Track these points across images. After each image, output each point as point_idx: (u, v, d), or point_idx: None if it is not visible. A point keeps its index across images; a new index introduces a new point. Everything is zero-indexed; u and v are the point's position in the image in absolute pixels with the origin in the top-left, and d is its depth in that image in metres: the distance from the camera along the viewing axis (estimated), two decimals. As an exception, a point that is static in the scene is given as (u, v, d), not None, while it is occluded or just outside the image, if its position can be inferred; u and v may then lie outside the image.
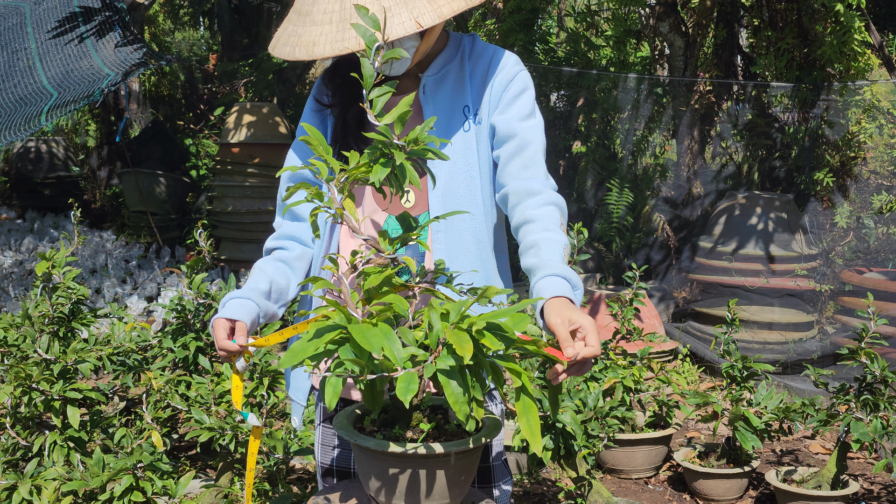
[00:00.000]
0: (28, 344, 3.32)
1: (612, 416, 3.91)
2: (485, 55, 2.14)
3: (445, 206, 2.07)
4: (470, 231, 2.10)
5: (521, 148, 2.08)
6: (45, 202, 10.18)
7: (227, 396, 3.45)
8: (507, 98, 2.10)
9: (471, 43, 2.17)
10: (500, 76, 2.11)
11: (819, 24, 6.91)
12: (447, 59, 2.14)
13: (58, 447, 3.14)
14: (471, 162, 2.09)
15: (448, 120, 2.10)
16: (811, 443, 4.82)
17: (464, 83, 2.12)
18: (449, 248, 2.09)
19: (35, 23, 6.82)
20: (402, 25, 1.89)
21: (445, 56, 2.14)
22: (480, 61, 2.13)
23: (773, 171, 7.30)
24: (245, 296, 2.04)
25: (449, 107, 2.11)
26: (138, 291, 6.85)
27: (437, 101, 2.11)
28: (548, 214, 2.01)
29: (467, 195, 2.09)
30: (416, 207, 2.12)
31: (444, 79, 2.12)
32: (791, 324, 6.16)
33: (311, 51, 1.94)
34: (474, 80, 2.12)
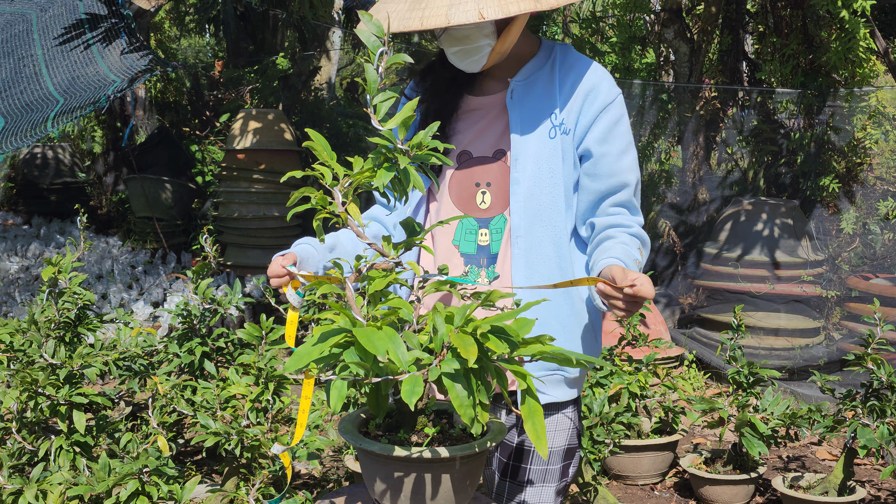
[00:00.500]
0: (34, 349, 3.32)
1: (618, 421, 3.91)
2: (578, 66, 2.13)
3: (527, 211, 2.09)
4: (550, 238, 2.10)
5: (615, 188, 2.10)
6: (52, 208, 10.20)
7: (233, 401, 3.45)
8: (603, 124, 2.10)
9: (563, 51, 2.17)
10: (597, 95, 2.10)
11: (824, 30, 6.91)
12: (537, 65, 2.14)
13: (64, 452, 3.14)
14: (555, 169, 2.09)
15: (534, 125, 2.10)
16: (818, 449, 4.80)
17: (553, 91, 2.12)
18: (528, 254, 2.10)
19: (41, 29, 6.84)
20: (466, 14, 1.91)
21: (536, 62, 2.15)
22: (572, 71, 2.13)
23: (779, 177, 7.30)
24: (305, 241, 2.10)
25: (536, 113, 2.11)
26: (144, 297, 6.85)
27: (523, 107, 2.11)
28: (626, 240, 2.04)
29: (550, 201, 2.09)
30: (492, 209, 2.14)
31: (533, 84, 2.13)
32: (797, 330, 6.14)
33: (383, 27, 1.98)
34: (563, 89, 2.12)
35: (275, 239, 7.54)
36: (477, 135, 2.16)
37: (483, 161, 2.14)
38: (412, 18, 1.95)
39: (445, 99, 2.16)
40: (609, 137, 2.09)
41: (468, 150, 2.15)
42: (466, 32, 2.03)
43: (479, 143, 2.15)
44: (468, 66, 2.07)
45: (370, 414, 1.82)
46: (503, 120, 2.13)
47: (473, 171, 2.15)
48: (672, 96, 7.72)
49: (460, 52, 2.06)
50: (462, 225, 2.16)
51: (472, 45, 2.05)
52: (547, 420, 2.17)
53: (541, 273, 2.09)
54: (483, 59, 2.07)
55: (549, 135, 2.09)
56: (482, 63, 2.07)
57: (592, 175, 2.10)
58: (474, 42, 2.04)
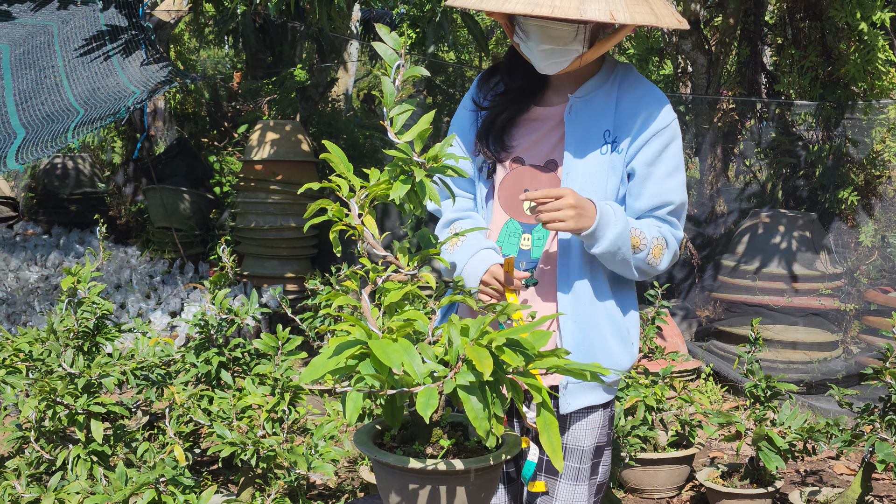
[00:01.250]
0: (53, 358, 3.34)
1: (634, 434, 3.90)
2: (637, 87, 2.20)
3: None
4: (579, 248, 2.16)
5: (658, 206, 2.17)
6: (71, 218, 10.26)
7: (249, 411, 3.46)
8: (654, 147, 2.16)
9: (625, 71, 2.23)
10: (651, 119, 2.16)
11: (843, 42, 6.89)
12: (598, 83, 2.20)
13: (81, 461, 3.16)
14: (604, 186, 2.15)
15: (588, 141, 2.17)
16: (835, 463, 4.77)
17: (609, 109, 2.18)
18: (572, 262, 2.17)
19: (62, 41, 6.90)
20: (597, 11, 1.96)
21: (597, 80, 2.21)
22: (631, 92, 2.19)
23: (797, 190, 7.27)
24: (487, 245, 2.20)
25: (591, 129, 2.17)
26: (162, 307, 6.88)
27: (580, 123, 2.18)
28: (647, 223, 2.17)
29: None
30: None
31: (591, 101, 2.18)
32: (815, 343, 6.11)
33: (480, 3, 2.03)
34: (620, 109, 2.18)
35: (291, 250, 7.56)
36: (532, 144, 2.23)
37: (534, 168, 2.22)
38: (542, 4, 1.98)
39: (515, 107, 2.22)
40: (658, 160, 2.16)
41: (521, 157, 2.23)
42: (563, 33, 2.07)
43: (533, 151, 2.23)
44: (549, 66, 2.12)
45: (386, 425, 1.83)
46: (558, 132, 2.20)
47: (524, 178, 2.22)
48: (690, 108, 7.71)
49: (549, 51, 2.10)
50: (507, 227, 2.24)
51: (563, 46, 2.09)
52: (580, 421, 2.24)
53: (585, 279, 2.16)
54: (565, 64, 2.12)
55: (601, 151, 2.16)
56: (563, 67, 2.12)
57: (637, 195, 2.18)
58: (567, 44, 2.09)
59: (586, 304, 2.17)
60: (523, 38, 2.13)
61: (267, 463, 3.28)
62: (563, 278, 2.17)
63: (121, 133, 10.96)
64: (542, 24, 2.06)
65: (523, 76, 2.23)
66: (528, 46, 2.12)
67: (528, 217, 2.18)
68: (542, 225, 2.06)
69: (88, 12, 7.12)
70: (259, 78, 10.43)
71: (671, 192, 2.17)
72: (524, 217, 2.21)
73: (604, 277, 2.19)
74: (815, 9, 7.04)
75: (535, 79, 2.23)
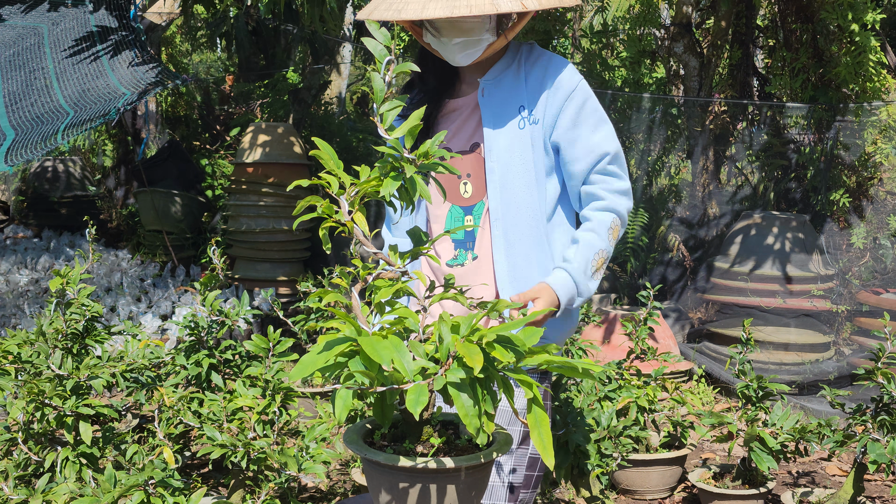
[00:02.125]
0: (42, 360, 3.32)
1: (626, 435, 3.89)
2: (541, 60, 2.35)
3: (503, 196, 2.31)
4: (526, 219, 2.32)
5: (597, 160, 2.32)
6: (62, 221, 10.22)
7: (240, 413, 3.44)
8: (570, 111, 2.31)
9: (528, 49, 2.39)
10: (560, 86, 2.32)
11: (834, 44, 6.90)
12: (505, 64, 2.35)
13: (70, 463, 3.14)
14: (526, 157, 2.30)
15: (504, 119, 2.31)
16: (827, 464, 4.77)
17: (519, 85, 2.33)
18: (507, 235, 2.32)
19: (52, 43, 6.87)
20: (510, 3, 2.11)
21: (504, 62, 2.36)
22: (537, 65, 2.34)
23: (789, 192, 7.28)
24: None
25: (505, 107, 2.32)
26: (153, 310, 6.86)
27: (493, 103, 2.33)
28: (600, 218, 2.32)
29: (523, 187, 2.30)
30: (474, 197, 2.37)
31: (501, 82, 2.33)
32: (807, 344, 6.11)
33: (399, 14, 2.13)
34: (530, 83, 2.33)
35: (284, 253, 7.54)
36: (455, 132, 2.39)
37: (462, 155, 2.37)
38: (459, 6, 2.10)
39: (431, 107, 2.38)
40: (578, 121, 2.32)
41: (448, 147, 2.38)
42: (472, 25, 2.22)
43: (457, 139, 2.38)
44: (464, 58, 2.27)
45: (376, 424, 1.81)
46: (476, 116, 2.36)
47: (455, 165, 2.38)
48: (682, 110, 7.72)
49: (461, 44, 2.25)
50: (451, 214, 2.40)
51: (474, 37, 2.24)
52: None
53: (518, 251, 2.33)
54: (479, 53, 2.27)
55: (518, 126, 2.31)
56: (476, 57, 2.28)
57: (573, 159, 2.33)
58: (477, 35, 2.24)
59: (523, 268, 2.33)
60: (436, 36, 2.26)
61: (258, 465, 3.26)
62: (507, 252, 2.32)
63: (112, 136, 10.93)
64: (453, 20, 2.21)
65: (435, 77, 2.38)
66: (442, 42, 2.25)
67: (466, 200, 2.38)
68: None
69: (79, 14, 7.10)
70: (251, 80, 10.41)
71: (603, 143, 2.32)
72: (463, 201, 2.38)
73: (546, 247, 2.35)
74: (807, 11, 7.05)
75: (447, 77, 2.39)
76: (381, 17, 2.14)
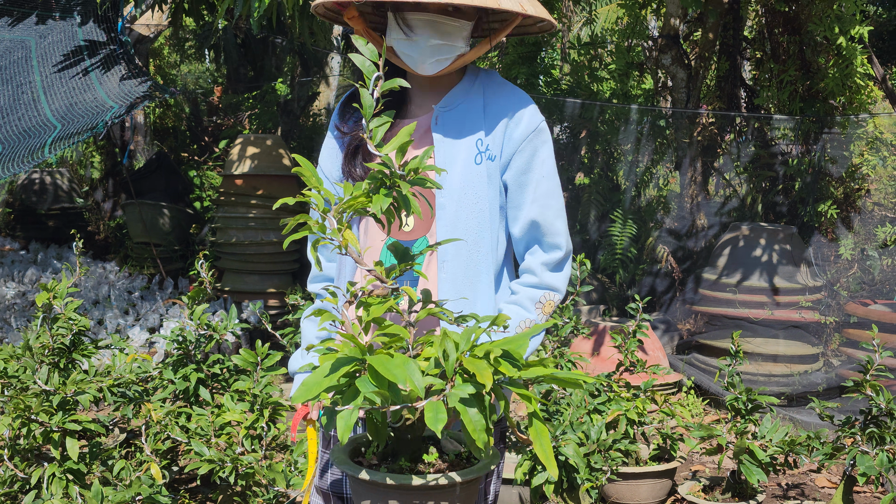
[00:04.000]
0: (28, 375, 3.30)
1: (616, 448, 3.88)
2: (503, 93, 2.16)
3: (454, 235, 2.09)
4: (476, 261, 2.12)
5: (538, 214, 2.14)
6: (49, 233, 10.18)
7: (228, 428, 3.42)
8: (527, 153, 2.12)
9: (488, 77, 2.20)
10: (519, 123, 2.13)
11: (821, 56, 6.93)
12: (464, 91, 2.16)
13: (56, 479, 3.12)
14: (480, 195, 2.11)
15: (458, 151, 2.12)
16: (817, 476, 4.77)
17: (477, 115, 2.14)
18: (455, 279, 2.11)
19: (40, 56, 6.86)
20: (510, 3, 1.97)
21: (462, 88, 2.17)
22: (498, 98, 2.16)
23: (777, 204, 7.30)
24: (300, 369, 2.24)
25: (461, 139, 2.12)
26: (141, 323, 6.83)
27: (448, 133, 2.12)
28: (528, 295, 2.12)
29: (475, 227, 2.11)
30: (415, 232, 2.14)
31: (457, 111, 2.14)
32: (796, 356, 6.12)
33: None
34: (489, 116, 2.14)
35: (272, 265, 7.52)
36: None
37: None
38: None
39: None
40: (531, 166, 2.13)
41: None
42: (452, 29, 2.04)
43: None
44: (433, 65, 2.07)
45: (360, 442, 1.81)
46: (424, 143, 2.14)
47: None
48: (670, 122, 7.74)
49: (435, 48, 2.05)
50: (386, 248, 2.15)
51: (449, 42, 2.06)
52: None
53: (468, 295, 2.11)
54: (448, 62, 2.08)
55: (474, 161, 2.11)
56: (444, 66, 2.08)
57: (517, 205, 2.14)
58: (453, 41, 2.06)
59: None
60: (408, 35, 2.06)
61: (246, 480, 3.25)
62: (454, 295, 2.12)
63: (99, 148, 10.91)
64: (433, 19, 2.03)
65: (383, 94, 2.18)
66: (415, 42, 2.06)
67: (406, 234, 2.14)
68: None
69: (66, 27, 7.08)
70: (240, 92, 10.41)
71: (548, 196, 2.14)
72: (402, 235, 2.15)
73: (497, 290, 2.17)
74: (794, 23, 7.09)
75: (395, 95, 2.17)
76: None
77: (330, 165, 2.25)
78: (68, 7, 7.20)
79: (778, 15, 7.18)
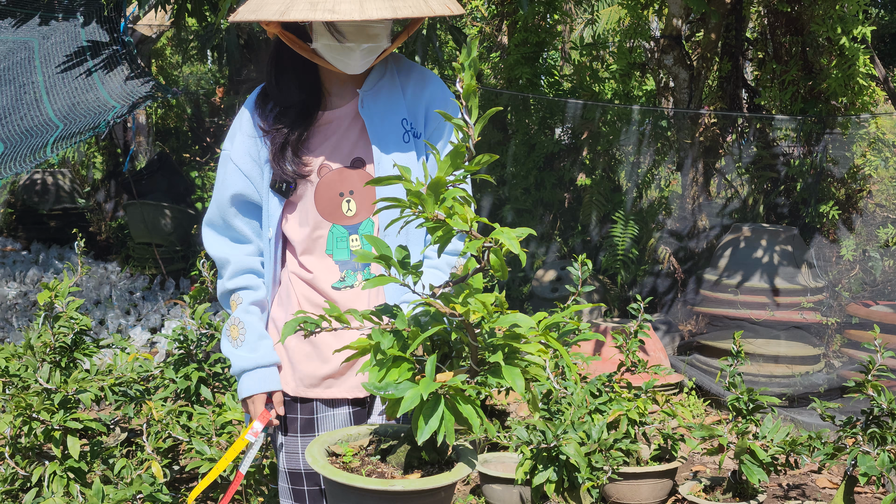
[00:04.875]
0: (29, 374, 3.30)
1: (617, 448, 3.88)
2: (413, 72, 2.26)
3: (387, 214, 2.16)
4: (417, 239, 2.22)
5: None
6: (51, 234, 10.19)
7: (229, 427, 3.43)
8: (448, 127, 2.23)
9: (396, 60, 2.28)
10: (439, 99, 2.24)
11: (824, 57, 6.93)
12: (379, 74, 2.23)
13: (57, 478, 3.12)
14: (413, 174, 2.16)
15: (388, 133, 2.20)
16: (818, 477, 4.77)
17: (398, 97, 2.23)
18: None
19: (43, 57, 6.87)
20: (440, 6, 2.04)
21: (377, 72, 2.24)
22: (410, 77, 2.25)
23: (778, 205, 7.30)
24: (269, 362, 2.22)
25: (388, 120, 2.21)
26: (142, 323, 6.84)
27: (375, 115, 2.20)
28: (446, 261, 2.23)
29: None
30: (358, 215, 2.23)
31: (379, 93, 2.22)
32: (797, 357, 6.12)
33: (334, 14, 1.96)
34: (407, 96, 2.23)
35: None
36: (332, 147, 2.23)
37: (342, 171, 2.22)
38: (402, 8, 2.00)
39: (304, 121, 2.21)
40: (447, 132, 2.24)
41: (326, 164, 2.22)
42: (379, 30, 2.11)
43: (335, 154, 2.22)
44: (361, 66, 2.14)
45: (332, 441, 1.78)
46: (355, 130, 2.22)
47: (335, 182, 2.22)
48: (672, 123, 7.74)
49: (367, 50, 2.11)
50: (332, 233, 2.22)
51: (377, 43, 2.12)
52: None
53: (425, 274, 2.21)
54: (372, 60, 2.15)
55: (403, 139, 2.21)
56: (370, 63, 2.15)
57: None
58: (380, 41, 2.12)
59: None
60: (340, 40, 2.09)
61: (247, 479, 3.25)
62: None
63: (101, 149, 10.91)
64: (364, 24, 2.07)
65: (299, 90, 2.21)
66: (347, 48, 2.09)
67: (349, 219, 2.21)
68: None
69: (69, 28, 7.09)
70: (242, 93, 10.41)
71: None
72: (345, 220, 2.22)
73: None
74: (796, 24, 7.09)
75: (312, 89, 2.23)
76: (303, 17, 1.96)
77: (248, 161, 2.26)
78: (71, 8, 7.22)
79: (780, 15, 7.18)
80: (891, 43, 12.59)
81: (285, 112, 2.21)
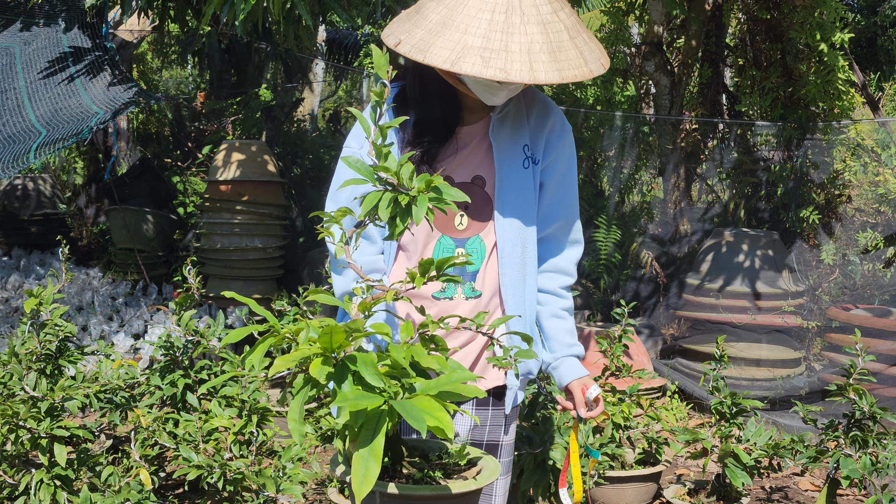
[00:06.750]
0: (15, 381, 3.29)
1: (602, 452, 3.90)
2: (538, 100, 2.34)
3: (514, 235, 2.28)
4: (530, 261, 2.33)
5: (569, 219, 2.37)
6: (32, 239, 10.13)
7: (216, 434, 3.43)
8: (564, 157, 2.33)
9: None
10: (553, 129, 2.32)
11: (803, 63, 6.99)
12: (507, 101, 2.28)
13: (44, 485, 3.11)
14: (529, 197, 2.29)
15: (511, 156, 2.28)
16: (801, 480, 4.81)
17: (522, 123, 2.30)
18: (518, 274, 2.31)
19: (25, 63, 6.84)
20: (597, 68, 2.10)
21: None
22: (535, 105, 2.33)
23: (759, 209, 7.35)
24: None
25: (512, 144, 2.29)
26: (125, 329, 6.81)
27: (502, 139, 2.28)
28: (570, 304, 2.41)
29: (529, 228, 2.30)
30: (469, 230, 2.29)
31: (506, 118, 2.29)
32: (779, 360, 6.17)
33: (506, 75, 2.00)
34: (531, 123, 2.31)
35: (257, 270, 7.52)
36: (459, 162, 2.29)
37: (462, 186, 2.28)
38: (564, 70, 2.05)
39: (446, 137, 2.27)
40: (570, 168, 2.35)
41: (451, 176, 2.28)
42: None
43: (460, 169, 2.29)
44: (502, 100, 2.20)
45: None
46: (481, 149, 2.29)
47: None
48: (653, 128, 7.78)
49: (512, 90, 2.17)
50: (440, 244, 2.29)
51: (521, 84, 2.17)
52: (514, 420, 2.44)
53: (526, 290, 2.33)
54: (511, 96, 2.20)
55: (523, 165, 2.28)
56: (507, 98, 2.21)
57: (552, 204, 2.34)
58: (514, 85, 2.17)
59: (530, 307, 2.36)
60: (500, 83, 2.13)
61: (234, 486, 3.25)
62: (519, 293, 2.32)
63: (82, 154, 10.86)
64: None
65: (441, 104, 2.25)
66: (497, 87, 2.14)
67: (459, 232, 2.28)
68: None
69: (51, 33, 7.07)
70: (223, 98, 10.39)
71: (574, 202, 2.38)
72: (456, 233, 2.28)
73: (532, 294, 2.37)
74: (776, 30, 7.15)
75: (451, 105, 2.26)
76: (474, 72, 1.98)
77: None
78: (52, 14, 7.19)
79: (760, 22, 7.24)
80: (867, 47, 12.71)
81: (431, 125, 2.25)
